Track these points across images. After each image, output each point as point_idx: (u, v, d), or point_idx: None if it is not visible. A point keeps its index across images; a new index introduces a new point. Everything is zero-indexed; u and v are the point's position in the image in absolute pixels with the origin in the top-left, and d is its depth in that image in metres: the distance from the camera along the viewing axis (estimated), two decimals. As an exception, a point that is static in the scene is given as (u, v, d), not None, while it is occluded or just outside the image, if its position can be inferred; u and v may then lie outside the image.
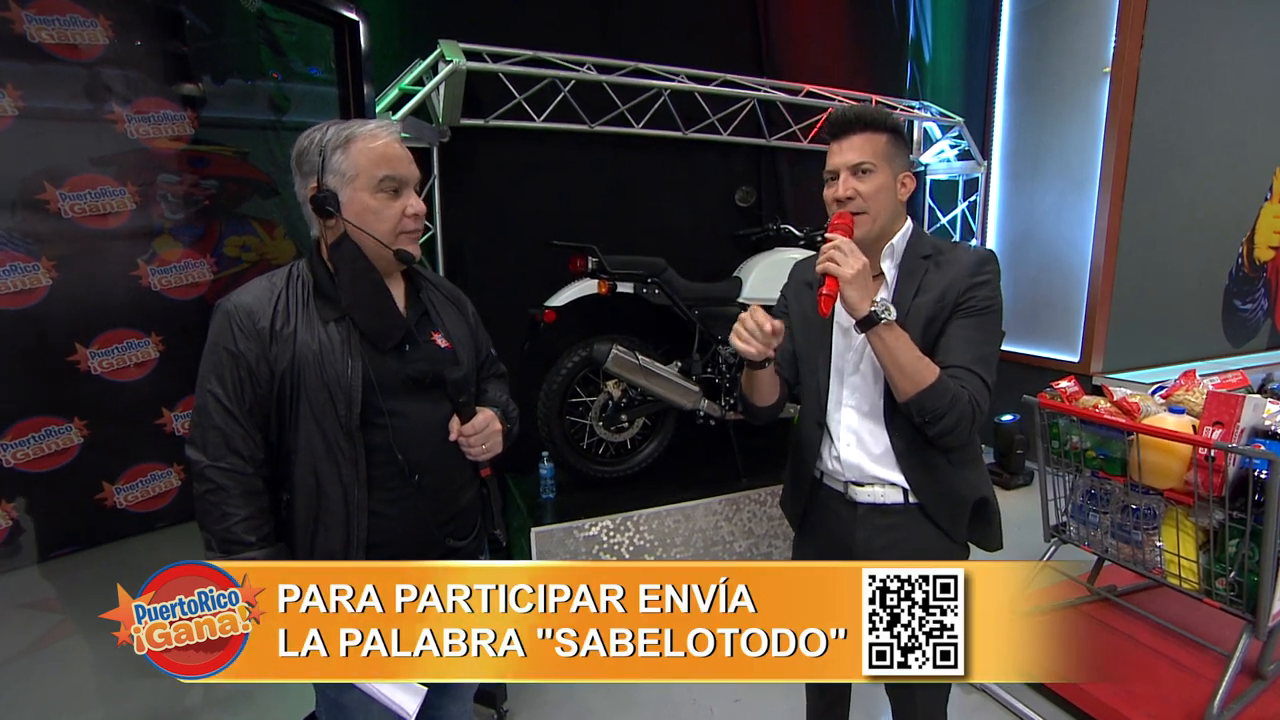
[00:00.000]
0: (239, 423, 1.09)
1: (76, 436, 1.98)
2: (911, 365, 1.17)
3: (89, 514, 2.04)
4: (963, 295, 1.24)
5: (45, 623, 2.01)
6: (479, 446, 1.21)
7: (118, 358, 2.04)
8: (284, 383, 1.10)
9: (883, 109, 1.29)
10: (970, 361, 1.22)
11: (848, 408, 1.31)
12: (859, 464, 1.30)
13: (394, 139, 1.14)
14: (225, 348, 1.09)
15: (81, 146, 1.96)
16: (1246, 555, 1.76)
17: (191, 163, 2.17)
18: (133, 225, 2.03)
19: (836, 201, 1.25)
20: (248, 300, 1.11)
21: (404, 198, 1.15)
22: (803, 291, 1.40)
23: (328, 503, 1.12)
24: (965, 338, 1.23)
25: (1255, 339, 4.77)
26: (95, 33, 1.92)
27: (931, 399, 1.17)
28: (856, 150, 1.24)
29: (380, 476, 1.15)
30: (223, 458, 1.08)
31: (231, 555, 1.06)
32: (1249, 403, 1.77)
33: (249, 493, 1.09)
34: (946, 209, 4.08)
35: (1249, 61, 4.14)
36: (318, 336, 1.11)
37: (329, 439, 1.11)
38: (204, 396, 1.09)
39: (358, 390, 1.11)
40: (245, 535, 1.07)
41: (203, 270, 2.17)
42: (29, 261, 1.86)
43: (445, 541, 1.25)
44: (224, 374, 1.08)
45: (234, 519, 1.07)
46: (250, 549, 1.06)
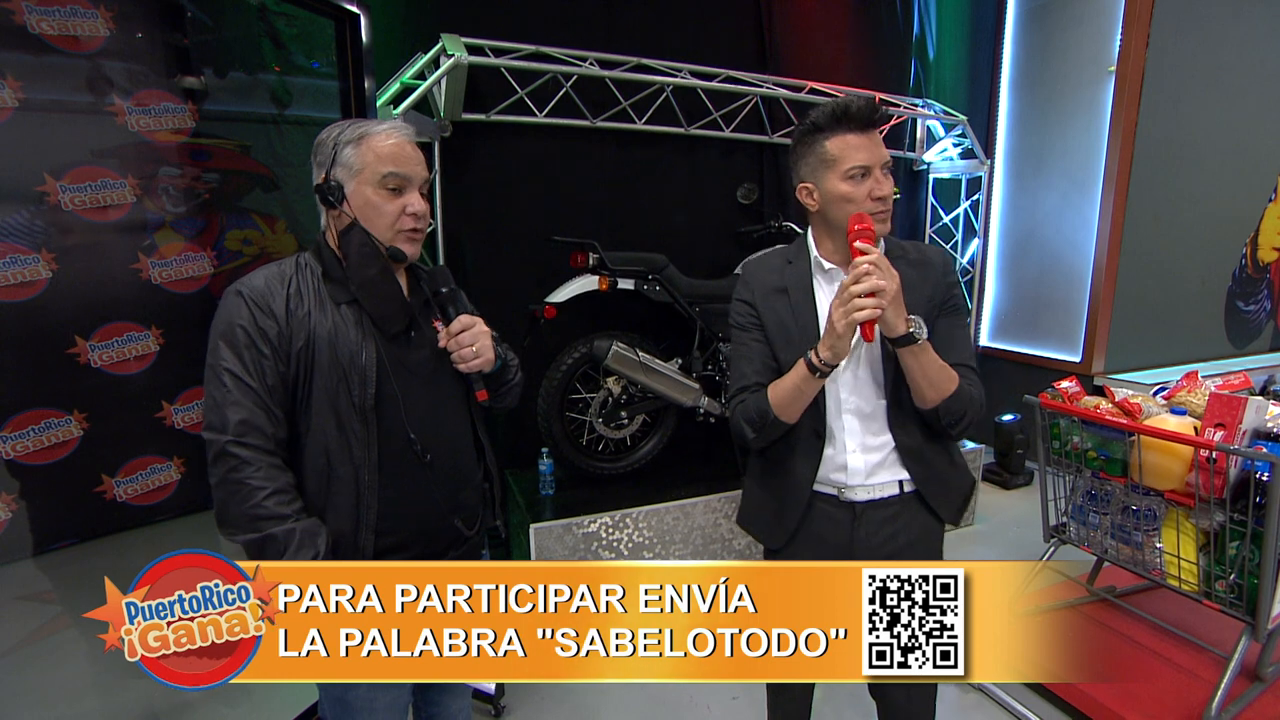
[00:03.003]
0: (260, 398, 1.07)
1: (76, 429, 1.97)
2: (938, 376, 1.20)
3: (88, 507, 2.04)
4: (945, 294, 1.29)
5: (43, 615, 2.01)
6: (469, 346, 1.18)
7: (118, 350, 2.03)
8: (299, 364, 1.11)
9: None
10: (967, 358, 1.28)
11: (847, 413, 1.29)
12: (864, 469, 1.29)
13: (406, 139, 1.17)
14: (241, 325, 1.08)
15: (82, 139, 1.95)
16: (1247, 557, 1.76)
17: (192, 156, 2.16)
18: (133, 218, 2.02)
19: (877, 200, 1.20)
20: (259, 283, 1.12)
21: (405, 196, 1.16)
22: (774, 299, 1.31)
23: (338, 484, 1.13)
24: (958, 336, 1.29)
25: (1258, 340, 4.76)
26: (96, 24, 1.91)
27: (957, 404, 1.21)
28: (880, 146, 1.21)
29: (390, 458, 1.16)
30: (245, 434, 1.05)
31: (265, 531, 1.02)
32: (1251, 405, 1.76)
33: (274, 468, 1.07)
34: (949, 208, 4.07)
35: (1255, 62, 4.12)
36: (330, 318, 1.13)
37: (341, 419, 1.12)
38: (219, 377, 1.07)
39: (372, 370, 1.13)
40: (278, 509, 1.04)
41: (203, 264, 2.16)
42: (29, 254, 1.86)
43: (454, 527, 1.25)
44: (241, 351, 1.07)
45: (263, 492, 1.03)
46: (285, 521, 1.03)
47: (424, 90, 2.37)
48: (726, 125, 3.09)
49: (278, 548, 1.02)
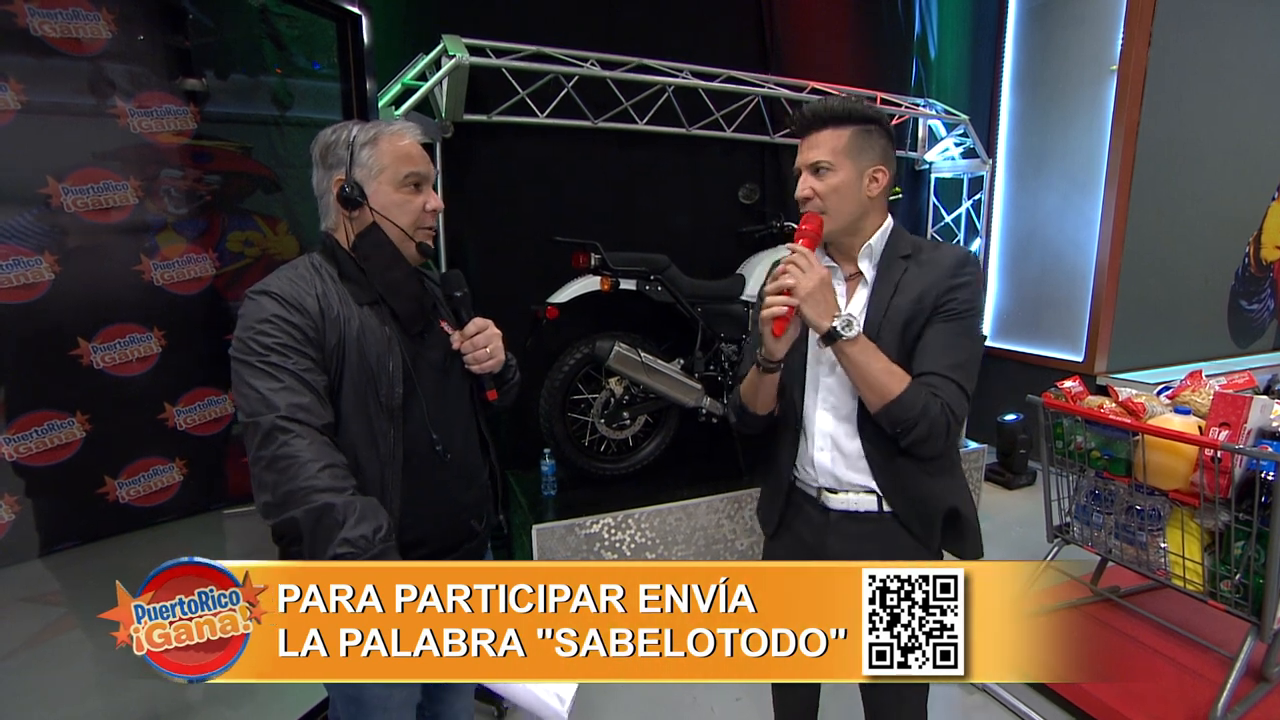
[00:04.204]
0: (304, 381, 1.03)
1: (79, 431, 1.98)
2: (876, 378, 1.15)
3: (91, 508, 2.04)
4: (942, 297, 1.20)
5: (46, 617, 2.02)
6: (483, 348, 1.22)
7: (120, 352, 2.04)
8: (330, 363, 1.10)
9: (851, 100, 1.24)
10: (947, 368, 1.17)
11: (823, 411, 1.29)
12: (833, 469, 1.28)
13: (417, 137, 1.19)
14: (275, 322, 1.04)
15: (84, 141, 1.95)
16: (1252, 557, 1.76)
17: (194, 157, 2.16)
18: (135, 220, 2.03)
19: (798, 201, 1.25)
20: (283, 285, 1.09)
21: (424, 194, 1.19)
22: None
23: (364, 483, 1.12)
24: (944, 343, 1.19)
25: (1261, 340, 4.75)
26: (98, 26, 1.92)
27: (900, 410, 1.14)
28: (816, 148, 1.22)
29: (414, 458, 1.17)
30: (296, 413, 1.00)
31: (320, 503, 0.95)
32: (1256, 404, 1.76)
33: (327, 445, 1.02)
34: (951, 207, 4.06)
35: (1258, 60, 4.11)
36: (357, 318, 1.13)
37: (370, 419, 1.13)
38: (258, 369, 1.02)
39: (399, 370, 1.14)
40: (334, 482, 0.97)
41: (205, 265, 2.17)
42: (32, 256, 1.86)
43: (469, 524, 1.28)
44: (278, 345, 1.03)
45: (317, 465, 0.97)
46: (343, 494, 0.97)
47: (425, 91, 2.38)
48: (728, 125, 3.09)
49: (335, 518, 0.95)
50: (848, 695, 2.12)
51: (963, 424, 1.20)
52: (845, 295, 1.29)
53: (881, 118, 1.25)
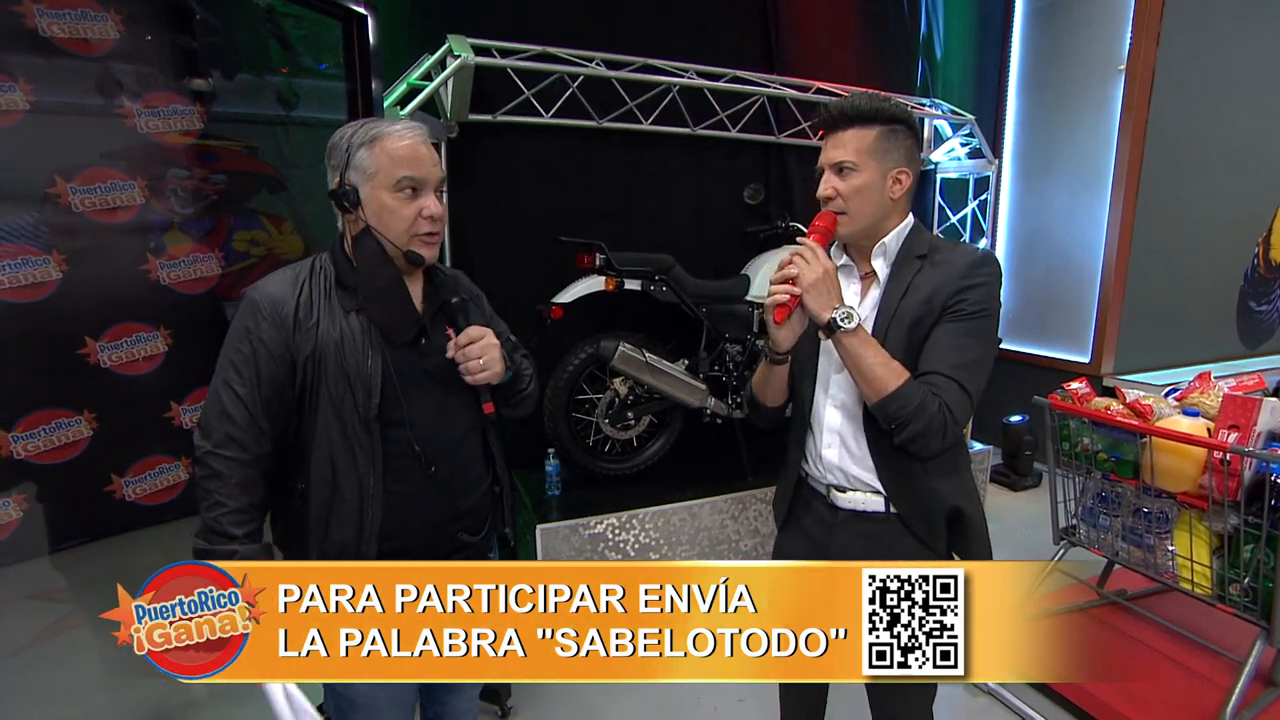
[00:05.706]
0: (249, 412, 1.09)
1: (86, 429, 1.99)
2: (871, 371, 1.14)
3: (98, 506, 2.06)
4: (953, 298, 1.18)
5: (54, 614, 2.03)
6: (476, 359, 1.17)
7: (127, 351, 2.05)
8: (305, 371, 1.11)
9: (880, 99, 1.22)
10: (950, 368, 1.16)
11: (832, 408, 1.29)
12: (840, 465, 1.28)
13: (420, 140, 1.14)
14: (247, 336, 1.10)
15: (92, 141, 1.97)
16: (1261, 561, 1.74)
17: (201, 157, 2.17)
18: (142, 219, 2.04)
19: (820, 200, 1.25)
20: (273, 289, 1.13)
21: (422, 199, 1.15)
22: None
23: (343, 491, 1.13)
24: (950, 343, 1.17)
25: (1270, 341, 4.71)
26: (106, 27, 1.93)
27: (894, 405, 1.13)
28: (841, 147, 1.21)
29: (395, 467, 1.16)
30: (225, 445, 1.08)
31: (213, 545, 1.06)
32: (1266, 406, 1.74)
33: (245, 484, 1.09)
34: (956, 207, 4.04)
35: (1266, 60, 4.08)
36: (339, 326, 1.13)
37: (347, 428, 1.12)
38: (218, 383, 1.10)
39: (377, 380, 1.13)
40: (231, 528, 1.07)
41: (211, 265, 2.18)
42: (40, 255, 1.88)
43: (457, 536, 1.26)
44: (242, 363, 1.10)
45: (224, 509, 1.07)
46: (232, 542, 1.07)
47: (431, 91, 2.38)
48: (733, 125, 3.09)
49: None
50: (854, 696, 2.11)
51: (963, 425, 1.18)
52: (859, 294, 1.28)
53: (909, 117, 1.23)
